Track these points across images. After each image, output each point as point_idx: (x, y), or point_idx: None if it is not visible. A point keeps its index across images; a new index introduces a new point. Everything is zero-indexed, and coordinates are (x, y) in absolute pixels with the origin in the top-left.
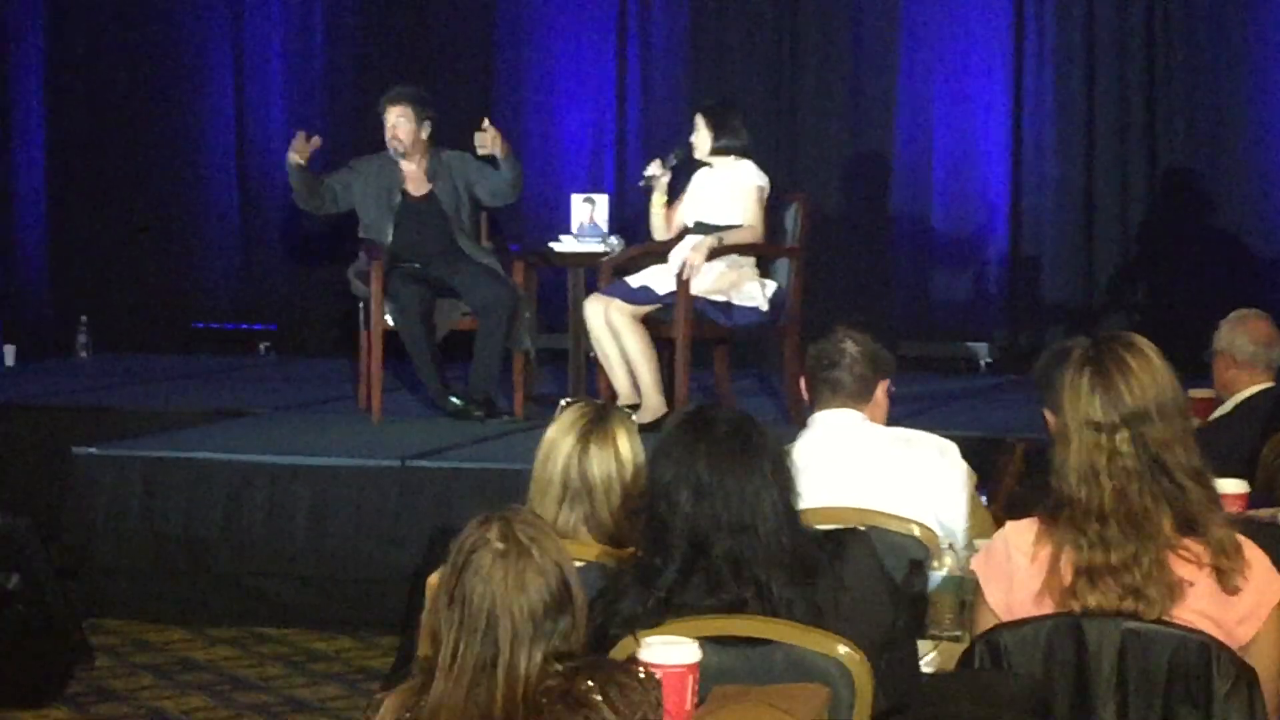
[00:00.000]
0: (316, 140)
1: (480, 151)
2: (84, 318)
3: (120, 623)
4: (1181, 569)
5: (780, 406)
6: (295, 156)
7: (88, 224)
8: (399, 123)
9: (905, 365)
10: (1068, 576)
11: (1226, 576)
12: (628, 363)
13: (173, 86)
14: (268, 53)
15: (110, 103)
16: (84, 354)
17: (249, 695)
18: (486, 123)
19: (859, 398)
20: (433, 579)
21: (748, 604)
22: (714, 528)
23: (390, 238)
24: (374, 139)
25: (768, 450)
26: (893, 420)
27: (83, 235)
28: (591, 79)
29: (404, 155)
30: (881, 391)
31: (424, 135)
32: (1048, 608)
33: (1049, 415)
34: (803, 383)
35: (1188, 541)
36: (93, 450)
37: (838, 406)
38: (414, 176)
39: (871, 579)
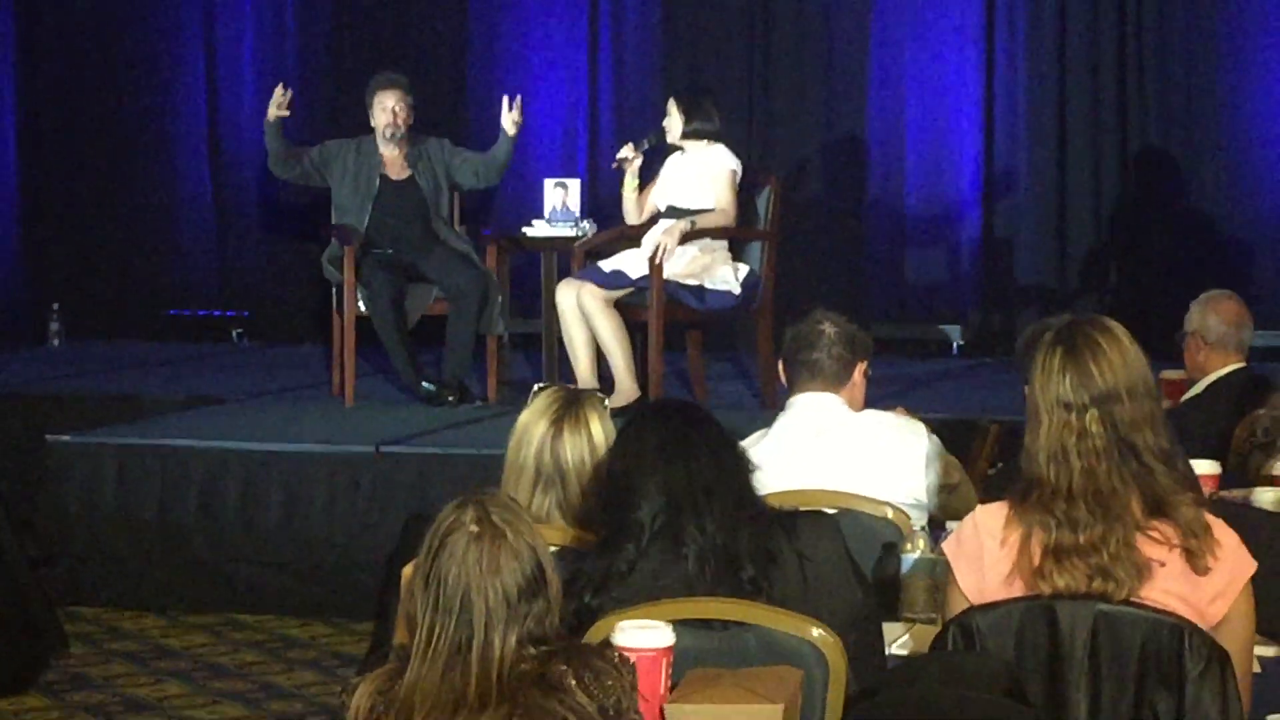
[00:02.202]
0: (289, 93)
1: (511, 131)
2: (56, 305)
3: (96, 610)
4: (1151, 550)
5: (753, 390)
6: (276, 111)
7: (60, 211)
8: (399, 107)
9: (878, 348)
10: (1037, 557)
11: (1196, 557)
12: (599, 348)
13: (145, 73)
14: (240, 39)
15: (82, 90)
16: (57, 341)
17: (225, 682)
18: (518, 103)
19: (837, 380)
20: (408, 569)
21: (708, 579)
22: (670, 509)
23: (367, 222)
24: (347, 123)
25: (719, 433)
26: (867, 403)
27: (55, 222)
28: (564, 64)
29: (399, 139)
30: (859, 374)
31: (411, 120)
32: (1018, 590)
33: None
34: (780, 365)
35: (1156, 523)
36: (67, 438)
37: (816, 389)
38: (394, 161)
39: (834, 560)
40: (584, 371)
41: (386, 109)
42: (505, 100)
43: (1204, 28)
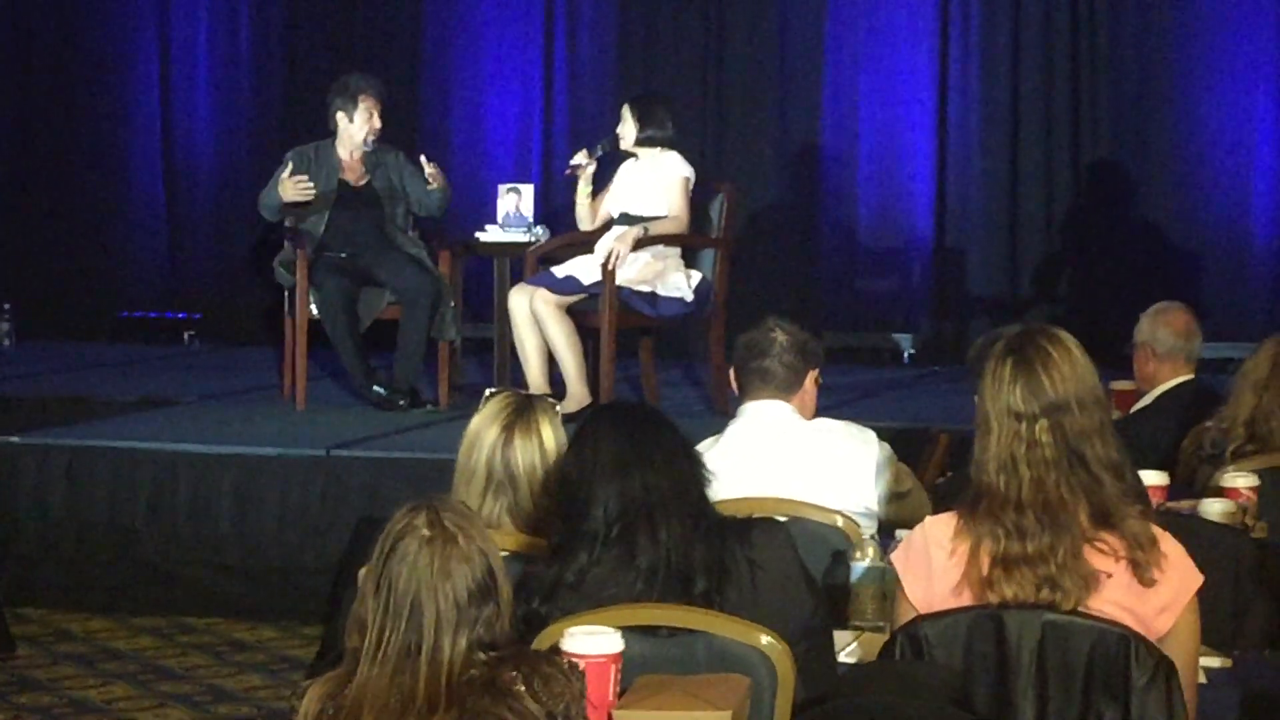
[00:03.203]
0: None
1: (432, 185)
2: (6, 305)
3: (43, 612)
4: (1098, 561)
5: (705, 397)
6: (294, 194)
7: (12, 211)
8: (375, 115)
9: (829, 356)
10: (985, 567)
11: (1142, 569)
12: (551, 353)
13: (98, 73)
14: (194, 40)
15: (34, 89)
16: (7, 342)
17: (172, 685)
18: (433, 166)
19: (788, 387)
20: (363, 572)
21: (658, 590)
22: (625, 518)
23: (324, 226)
24: (300, 128)
25: (677, 441)
26: (818, 411)
27: (6, 222)
28: (518, 69)
29: (374, 148)
30: (810, 381)
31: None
32: (966, 600)
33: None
34: (731, 373)
35: (1104, 534)
36: (15, 439)
37: (767, 397)
38: (352, 167)
39: (787, 568)
40: (535, 377)
41: (364, 117)
42: (423, 159)
43: (1156, 39)
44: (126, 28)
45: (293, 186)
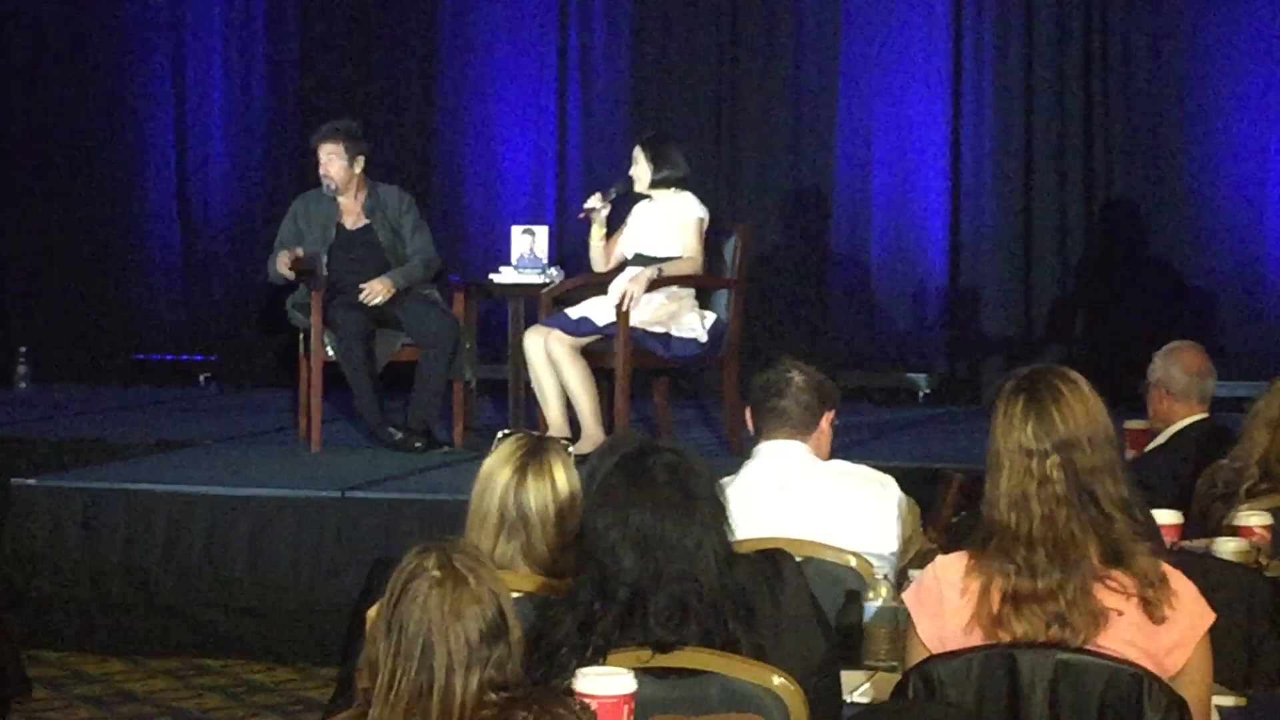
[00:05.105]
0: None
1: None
2: (23, 349)
3: (59, 654)
4: (1108, 599)
5: (720, 437)
6: (287, 273)
7: (28, 254)
8: (330, 160)
9: (844, 396)
10: (996, 604)
11: (1153, 607)
12: (567, 394)
13: (114, 118)
14: (209, 85)
15: (50, 133)
16: (23, 385)
17: None
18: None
19: (804, 428)
20: (372, 612)
21: (680, 633)
22: (655, 577)
23: (326, 270)
24: (314, 172)
25: (706, 493)
26: (832, 451)
27: (23, 265)
28: (532, 111)
29: (337, 192)
30: (826, 422)
31: (357, 170)
32: (977, 639)
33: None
34: (747, 412)
35: (1115, 572)
36: (31, 482)
37: (783, 437)
38: (351, 210)
39: (804, 604)
40: (555, 418)
41: (321, 164)
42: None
43: (1169, 80)
44: (142, 71)
45: (284, 264)
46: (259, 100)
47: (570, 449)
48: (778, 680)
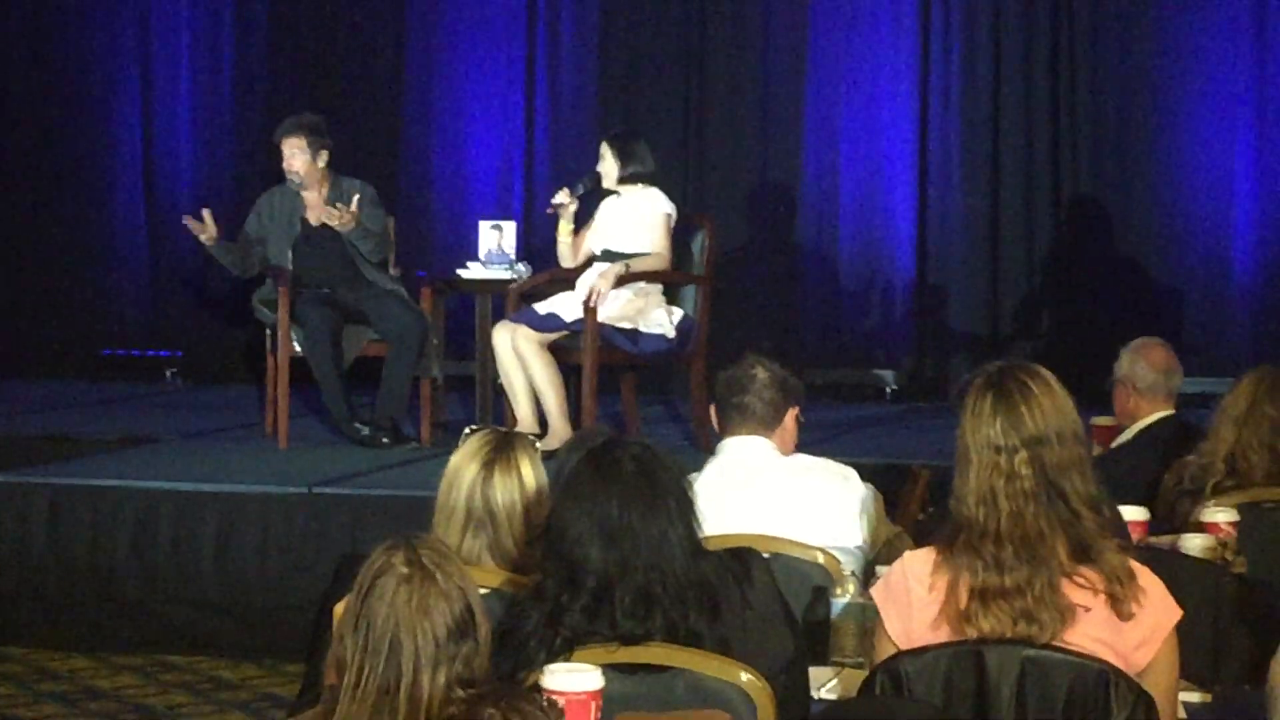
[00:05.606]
0: (208, 215)
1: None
2: None
3: (25, 650)
4: (1076, 595)
5: (687, 433)
6: (206, 239)
7: None
8: (294, 155)
9: (811, 392)
10: (963, 600)
11: (1120, 603)
12: (534, 390)
13: (80, 113)
14: (175, 77)
15: (14, 126)
16: None
17: None
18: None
19: (768, 424)
20: (339, 608)
21: (653, 639)
22: (622, 569)
23: (290, 265)
24: (279, 161)
25: (673, 485)
26: (799, 447)
27: None
28: (500, 106)
29: (302, 186)
30: (791, 418)
31: (320, 164)
32: (944, 635)
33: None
34: (712, 409)
35: (1082, 568)
36: None
37: (747, 433)
38: (315, 204)
39: (773, 602)
40: (525, 414)
41: (284, 158)
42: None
43: (1137, 75)
44: (108, 64)
45: (202, 236)
46: (226, 94)
47: (538, 445)
48: (745, 677)
